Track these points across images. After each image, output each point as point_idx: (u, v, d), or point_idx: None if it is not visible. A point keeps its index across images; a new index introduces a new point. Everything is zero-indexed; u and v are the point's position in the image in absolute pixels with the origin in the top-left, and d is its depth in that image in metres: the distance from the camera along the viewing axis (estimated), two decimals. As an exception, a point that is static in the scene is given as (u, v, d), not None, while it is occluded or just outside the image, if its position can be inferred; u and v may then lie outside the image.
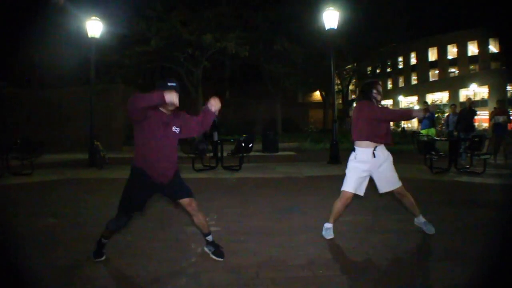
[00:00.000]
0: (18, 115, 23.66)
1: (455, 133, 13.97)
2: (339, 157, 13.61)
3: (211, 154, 13.08)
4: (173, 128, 4.01)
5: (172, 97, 3.56)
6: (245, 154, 12.04)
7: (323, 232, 5.03)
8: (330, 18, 14.32)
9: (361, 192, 4.97)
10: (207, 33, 24.60)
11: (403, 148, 18.75)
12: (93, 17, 15.34)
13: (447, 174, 10.72)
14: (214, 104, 4.07)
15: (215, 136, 12.63)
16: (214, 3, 27.11)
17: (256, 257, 4.43)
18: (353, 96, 55.98)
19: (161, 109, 3.95)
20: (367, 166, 4.86)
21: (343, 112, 40.52)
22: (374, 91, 4.92)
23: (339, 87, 41.62)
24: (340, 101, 43.65)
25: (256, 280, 3.78)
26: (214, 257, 4.30)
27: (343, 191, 4.98)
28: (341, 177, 10.25)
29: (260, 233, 5.20)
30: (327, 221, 5.07)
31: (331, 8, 14.26)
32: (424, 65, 59.81)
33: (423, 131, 13.89)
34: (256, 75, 37.68)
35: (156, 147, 3.92)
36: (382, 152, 4.89)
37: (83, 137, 15.48)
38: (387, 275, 3.89)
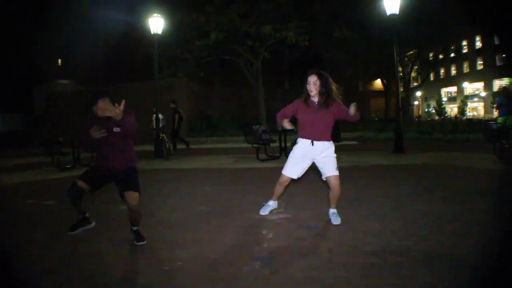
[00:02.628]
0: (85, 110, 24.59)
1: None
2: (403, 147, 13.34)
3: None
4: (114, 129, 4.59)
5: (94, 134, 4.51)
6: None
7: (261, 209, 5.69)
8: (392, 3, 13.97)
9: (296, 176, 5.28)
10: (266, 25, 24.58)
11: (469, 137, 18.12)
12: (155, 14, 15.75)
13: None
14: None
15: (278, 126, 12.63)
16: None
17: (327, 242, 4.46)
18: (415, 84, 54.54)
19: (102, 116, 4.62)
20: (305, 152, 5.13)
21: (405, 100, 39.61)
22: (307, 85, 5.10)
23: (401, 74, 40.63)
24: (402, 89, 42.64)
25: (329, 264, 3.79)
26: (136, 242, 4.57)
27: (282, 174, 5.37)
28: (406, 167, 10.16)
29: (329, 220, 5.19)
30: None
31: (392, -8, 13.91)
32: (490, 49, 56.62)
33: (500, 119, 13.19)
34: (316, 64, 37.24)
35: (106, 145, 4.67)
36: (323, 144, 5.07)
37: (149, 130, 15.99)
38: (460, 262, 3.77)
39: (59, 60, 53.61)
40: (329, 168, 5.03)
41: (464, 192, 6.82)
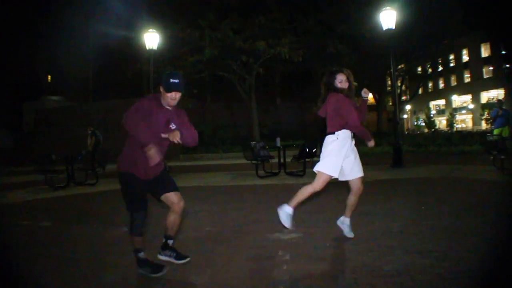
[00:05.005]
0: (76, 127, 24.27)
1: None
2: (402, 161, 13.31)
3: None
4: (171, 125, 3.92)
5: (154, 158, 3.58)
6: (307, 159, 11.85)
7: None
8: (388, 18, 14.03)
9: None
10: (260, 40, 24.51)
11: (464, 149, 18.13)
12: (150, 29, 15.63)
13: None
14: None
15: (278, 142, 12.57)
16: (266, 9, 27.08)
17: (348, 262, 4.29)
18: (404, 98, 54.76)
19: (164, 104, 3.89)
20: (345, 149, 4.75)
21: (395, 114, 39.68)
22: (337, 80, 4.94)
23: (389, 88, 40.84)
24: (391, 103, 42.84)
25: (356, 286, 3.62)
26: (177, 261, 4.15)
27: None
28: (409, 181, 10.08)
29: (344, 239, 5.02)
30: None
31: (388, 8, 13.98)
32: (477, 62, 57.13)
33: (496, 131, 13.27)
34: (308, 79, 37.37)
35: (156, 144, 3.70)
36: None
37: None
38: (488, 279, 3.66)
39: (49, 76, 53.28)
40: (358, 168, 4.84)
41: (474, 205, 6.74)
